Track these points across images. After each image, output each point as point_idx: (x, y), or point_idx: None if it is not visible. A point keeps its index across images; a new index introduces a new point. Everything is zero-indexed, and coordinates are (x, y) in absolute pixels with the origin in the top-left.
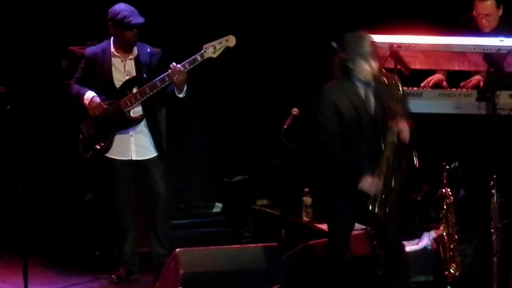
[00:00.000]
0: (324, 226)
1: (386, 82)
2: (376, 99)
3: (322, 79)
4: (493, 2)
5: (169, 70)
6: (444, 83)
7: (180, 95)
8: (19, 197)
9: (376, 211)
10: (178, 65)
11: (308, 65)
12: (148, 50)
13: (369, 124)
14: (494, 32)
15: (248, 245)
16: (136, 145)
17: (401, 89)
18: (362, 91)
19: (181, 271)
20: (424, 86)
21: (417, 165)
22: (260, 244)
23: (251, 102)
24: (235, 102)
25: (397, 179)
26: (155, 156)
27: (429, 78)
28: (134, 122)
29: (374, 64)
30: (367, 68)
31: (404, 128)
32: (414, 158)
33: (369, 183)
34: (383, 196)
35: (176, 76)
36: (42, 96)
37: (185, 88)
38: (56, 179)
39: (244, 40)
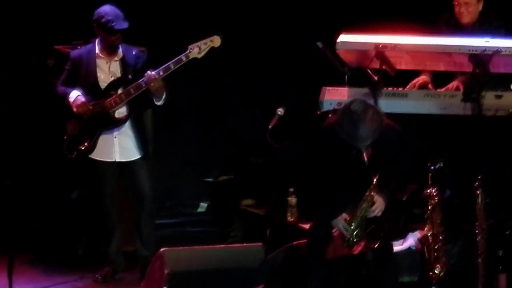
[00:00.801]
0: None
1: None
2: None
3: (307, 79)
4: None
5: (144, 77)
6: (430, 85)
7: (158, 103)
8: (6, 195)
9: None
10: (153, 73)
11: (294, 65)
12: (134, 52)
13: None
14: (472, 27)
15: (233, 244)
16: (120, 147)
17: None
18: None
19: (166, 271)
20: (410, 88)
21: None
22: (245, 244)
23: (237, 102)
24: (221, 103)
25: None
26: (139, 158)
27: (415, 80)
28: (119, 122)
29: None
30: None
31: (376, 205)
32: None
33: (341, 224)
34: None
35: (152, 84)
36: (28, 94)
37: (163, 96)
38: (43, 177)
39: (231, 41)
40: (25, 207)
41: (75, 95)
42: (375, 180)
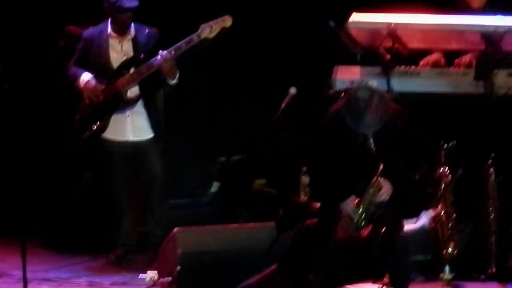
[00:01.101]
0: None
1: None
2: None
3: (318, 61)
4: None
5: (157, 58)
6: (442, 60)
7: (171, 82)
8: (17, 178)
9: (353, 229)
10: (164, 52)
11: (304, 45)
12: (146, 31)
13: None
14: (484, 10)
15: (246, 224)
16: (133, 126)
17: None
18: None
19: (179, 251)
20: (423, 66)
21: None
22: (257, 224)
23: (248, 82)
24: (232, 83)
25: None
26: (151, 137)
27: (427, 58)
28: (131, 102)
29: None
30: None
31: (384, 191)
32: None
33: (350, 207)
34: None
35: (164, 63)
36: (39, 78)
37: (177, 75)
38: (55, 160)
39: (240, 23)
40: (37, 190)
41: (86, 78)
42: (381, 166)
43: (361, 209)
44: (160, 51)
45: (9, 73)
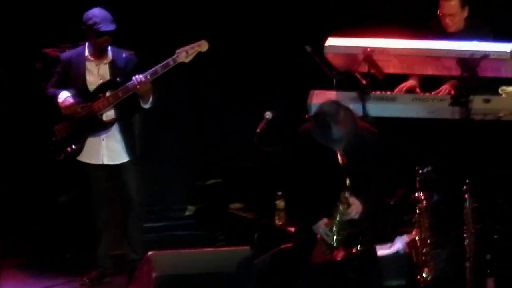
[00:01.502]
0: None
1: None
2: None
3: (296, 84)
4: (457, 2)
5: (132, 81)
6: (418, 89)
7: (146, 106)
8: None
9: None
10: (140, 76)
11: (282, 70)
12: (124, 56)
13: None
14: (460, 34)
15: (221, 248)
16: (108, 150)
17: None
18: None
19: (154, 274)
20: (398, 92)
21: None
22: (233, 248)
23: (225, 106)
24: (209, 106)
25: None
26: (127, 161)
27: (402, 85)
28: (107, 125)
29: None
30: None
31: (353, 207)
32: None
33: (322, 229)
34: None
35: (139, 87)
36: (17, 99)
37: (150, 99)
38: (31, 181)
39: (217, 44)
40: (13, 211)
41: (64, 96)
42: (348, 182)
43: (333, 230)
44: (136, 75)
45: None
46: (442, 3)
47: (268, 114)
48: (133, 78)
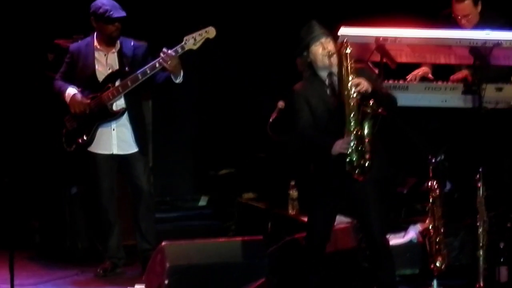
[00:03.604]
0: None
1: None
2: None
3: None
4: (470, 2)
5: (161, 56)
6: (430, 75)
7: (177, 81)
8: (5, 191)
9: (355, 169)
10: (169, 51)
11: (293, 59)
12: (132, 44)
13: (339, 116)
14: (476, 28)
15: (234, 238)
16: (118, 139)
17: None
18: (327, 82)
19: (167, 264)
20: (411, 80)
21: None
22: (246, 238)
23: (237, 95)
24: (221, 96)
25: (367, 124)
26: (136, 151)
27: (415, 72)
28: (116, 115)
29: (330, 45)
30: (321, 51)
31: (358, 81)
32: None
33: (339, 144)
34: (358, 148)
35: (169, 62)
36: (28, 89)
37: (181, 73)
38: (42, 173)
39: (229, 33)
40: (25, 203)
41: (71, 92)
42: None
43: (351, 144)
44: (164, 49)
45: None
46: (454, 5)
47: (281, 104)
48: (162, 52)
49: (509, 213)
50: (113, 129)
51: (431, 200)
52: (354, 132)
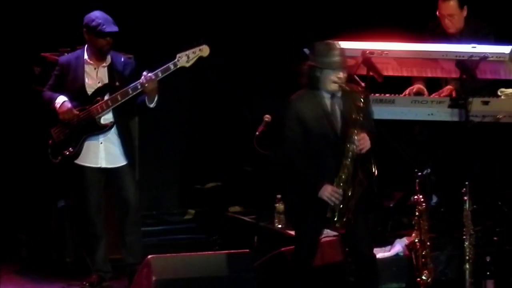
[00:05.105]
0: None
1: (349, 90)
2: (342, 110)
3: (293, 86)
4: (456, 3)
5: (141, 78)
6: (425, 93)
7: (151, 105)
8: None
9: (335, 219)
10: (150, 74)
11: (280, 72)
12: (122, 59)
13: (334, 136)
14: (460, 35)
15: (220, 252)
16: (106, 153)
17: (362, 99)
18: (328, 102)
19: (154, 278)
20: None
21: (376, 174)
22: (232, 251)
23: (223, 109)
24: (208, 110)
25: (356, 189)
26: (124, 164)
27: (411, 87)
28: (104, 129)
29: (342, 75)
30: (334, 79)
31: (362, 138)
32: (373, 167)
33: (328, 192)
34: (341, 206)
35: (147, 84)
36: (15, 102)
37: (155, 99)
38: (29, 186)
39: (217, 48)
40: (12, 216)
41: (61, 100)
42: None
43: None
44: (145, 72)
45: None
46: (440, 4)
47: (267, 117)
48: (143, 75)
49: (496, 226)
50: (101, 143)
51: (417, 214)
52: (343, 191)
